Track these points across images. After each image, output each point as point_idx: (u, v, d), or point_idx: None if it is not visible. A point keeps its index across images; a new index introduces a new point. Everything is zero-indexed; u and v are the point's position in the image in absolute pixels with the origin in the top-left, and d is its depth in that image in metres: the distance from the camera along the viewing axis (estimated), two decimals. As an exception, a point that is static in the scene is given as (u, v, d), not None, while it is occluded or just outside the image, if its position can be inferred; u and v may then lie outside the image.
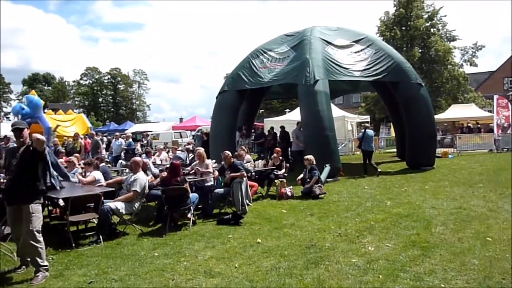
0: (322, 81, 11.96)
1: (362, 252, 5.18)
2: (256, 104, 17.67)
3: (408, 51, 32.12)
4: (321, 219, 7.12)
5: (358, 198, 8.89)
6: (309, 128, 11.87)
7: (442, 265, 4.53)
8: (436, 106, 31.00)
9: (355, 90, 21.63)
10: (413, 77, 13.21)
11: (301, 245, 5.61)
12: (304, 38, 13.36)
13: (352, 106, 44.05)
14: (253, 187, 8.92)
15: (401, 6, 33.61)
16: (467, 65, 35.67)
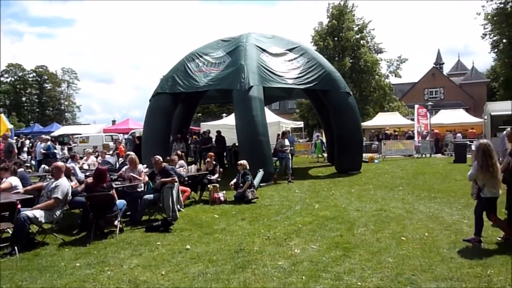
0: (257, 87, 12.19)
1: (288, 254, 5.34)
2: (191, 108, 17.53)
3: (340, 61, 33.81)
4: (251, 223, 7.22)
5: (289, 201, 9.15)
6: (243, 133, 11.99)
7: (361, 264, 4.82)
8: (364, 114, 32.96)
9: (289, 96, 22.28)
10: (342, 86, 13.93)
11: (230, 249, 5.65)
12: (240, 44, 13.54)
13: (287, 112, 45.33)
14: (185, 192, 8.81)
15: (334, 18, 35.33)
16: (392, 76, 38.34)
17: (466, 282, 4.15)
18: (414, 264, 4.73)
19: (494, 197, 5.44)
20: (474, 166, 5.52)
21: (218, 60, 13.63)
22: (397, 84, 43.05)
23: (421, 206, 8.17)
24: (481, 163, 5.37)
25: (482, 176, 5.39)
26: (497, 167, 5.38)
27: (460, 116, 28.71)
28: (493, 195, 5.42)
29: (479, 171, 5.40)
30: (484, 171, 5.34)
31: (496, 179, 5.37)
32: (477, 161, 5.47)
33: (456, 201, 8.46)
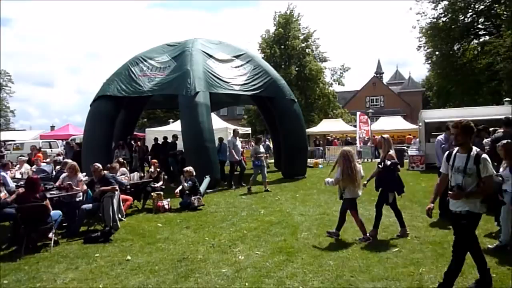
0: (203, 93, 12.09)
1: (232, 261, 5.31)
2: (135, 113, 17.00)
3: (286, 68, 34.53)
4: (196, 231, 7.11)
5: (235, 208, 9.13)
6: (189, 139, 11.83)
7: (303, 268, 4.90)
8: (310, 120, 33.85)
9: (237, 103, 22.36)
10: (287, 93, 14.21)
11: (173, 259, 5.51)
12: (186, 49, 13.38)
13: (236, 118, 45.45)
14: (127, 201, 8.49)
15: (280, 26, 36.02)
16: (336, 84, 39.72)
17: (401, 281, 4.36)
18: (353, 266, 4.90)
19: (354, 197, 6.08)
20: (338, 171, 6.04)
21: (163, 64, 13.37)
22: (341, 92, 44.74)
23: (362, 209, 8.43)
24: (343, 168, 5.94)
25: (343, 179, 5.95)
26: (356, 171, 5.97)
27: (399, 123, 30.44)
28: (353, 196, 6.06)
29: (341, 175, 5.95)
30: (346, 175, 5.91)
31: (355, 182, 5.97)
32: (340, 167, 6.01)
33: (393, 204, 8.90)
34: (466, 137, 3.90)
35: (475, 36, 33.65)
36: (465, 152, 3.90)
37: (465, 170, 3.82)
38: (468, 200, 3.79)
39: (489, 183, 3.76)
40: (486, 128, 8.88)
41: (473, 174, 3.79)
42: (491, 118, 14.69)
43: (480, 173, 3.77)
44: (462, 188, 3.81)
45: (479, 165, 3.76)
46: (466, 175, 3.82)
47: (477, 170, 3.77)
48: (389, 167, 6.15)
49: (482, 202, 3.80)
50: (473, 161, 3.79)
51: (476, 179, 3.80)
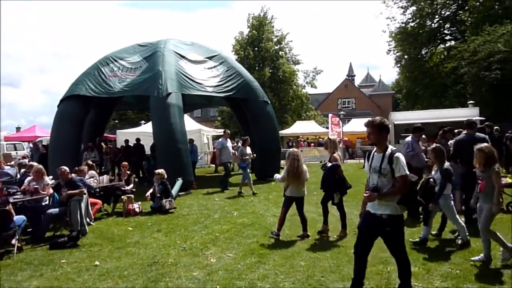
0: (175, 94, 11.97)
1: (204, 264, 5.26)
2: (106, 114, 16.65)
3: (260, 70, 34.70)
4: (168, 234, 7.01)
5: (208, 210, 9.06)
6: (161, 141, 11.67)
7: (275, 270, 4.91)
8: (283, 122, 34.12)
9: (210, 104, 22.23)
10: (260, 95, 14.25)
11: (143, 263, 5.41)
12: (158, 49, 13.22)
13: (209, 120, 45.21)
14: (96, 204, 8.27)
15: (254, 28, 36.16)
16: (309, 86, 40.25)
17: (370, 280, 4.44)
18: (324, 266, 4.95)
19: (294, 196, 6.39)
20: (285, 170, 6.34)
21: (135, 65, 13.16)
22: (313, 94, 45.31)
23: (333, 210, 8.54)
24: (288, 167, 6.22)
25: (288, 177, 6.24)
26: (301, 171, 6.26)
27: (369, 125, 31.01)
28: (293, 195, 6.37)
29: (286, 174, 6.24)
30: (291, 174, 6.19)
31: (299, 181, 6.26)
32: (287, 166, 6.31)
33: (364, 204, 9.07)
34: (380, 136, 3.80)
35: (441, 41, 34.83)
36: (381, 151, 3.79)
37: (380, 170, 3.73)
38: (387, 202, 3.70)
39: (403, 182, 3.64)
40: (452, 130, 9.22)
41: (388, 174, 3.69)
42: (456, 120, 15.26)
43: (394, 173, 3.66)
44: (377, 189, 3.72)
45: (392, 165, 3.65)
46: (381, 175, 3.73)
47: (392, 169, 3.65)
48: (330, 168, 6.39)
49: (398, 204, 3.70)
50: (387, 160, 3.68)
51: (391, 179, 3.69)
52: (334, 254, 5.40)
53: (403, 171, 3.62)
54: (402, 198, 3.70)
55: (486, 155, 4.92)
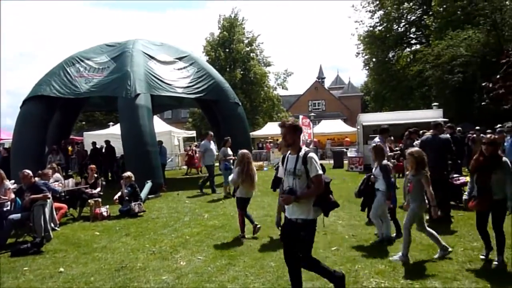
0: (144, 95, 11.77)
1: (173, 268, 5.19)
2: (72, 115, 16.15)
3: (231, 71, 34.65)
4: (136, 238, 6.87)
5: (178, 213, 8.95)
6: (130, 143, 11.44)
7: (245, 271, 4.91)
8: (255, 123, 34.22)
9: (180, 105, 21.98)
10: (231, 96, 14.24)
11: (111, 268, 5.28)
12: (126, 50, 12.96)
13: (180, 121, 44.72)
14: (61, 209, 8.01)
15: (225, 30, 36.09)
16: (280, 88, 40.57)
17: (338, 279, 4.50)
18: (293, 266, 4.98)
19: (244, 197, 6.56)
20: (236, 171, 6.52)
21: (102, 65, 12.84)
22: (285, 95, 45.71)
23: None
24: (241, 168, 6.43)
25: (240, 179, 6.41)
26: (252, 174, 6.47)
27: (339, 126, 31.63)
28: (243, 196, 6.54)
29: (239, 176, 6.40)
30: (245, 176, 6.39)
31: (251, 183, 6.47)
32: (239, 167, 6.50)
33: (333, 204, 9.21)
34: (294, 137, 3.75)
35: (407, 45, 36.00)
36: (295, 153, 3.72)
37: (294, 171, 3.66)
38: (301, 206, 3.63)
39: (318, 182, 3.59)
40: (417, 131, 9.53)
41: (303, 175, 3.63)
42: (421, 121, 15.78)
43: (309, 173, 3.61)
44: (293, 191, 3.63)
45: (306, 165, 3.60)
46: (296, 177, 3.65)
47: (306, 170, 3.60)
48: None
49: (314, 205, 3.64)
50: (301, 161, 3.63)
51: (306, 180, 3.64)
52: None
53: (317, 171, 3.59)
54: (318, 199, 3.65)
55: (416, 159, 5.21)
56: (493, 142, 4.92)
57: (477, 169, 4.98)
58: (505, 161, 4.79)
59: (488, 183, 4.78)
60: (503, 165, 4.77)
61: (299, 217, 3.65)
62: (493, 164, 4.80)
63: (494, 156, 4.84)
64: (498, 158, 4.84)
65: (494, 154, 4.85)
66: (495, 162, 4.81)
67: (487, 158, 4.87)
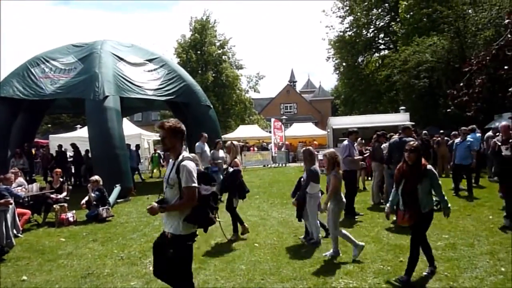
0: (113, 97, 11.52)
1: (142, 273, 5.09)
2: (36, 118, 15.57)
3: (203, 74, 34.46)
4: (104, 244, 6.70)
5: (147, 217, 8.75)
6: (98, 147, 11.16)
7: (215, 275, 4.88)
8: (227, 126, 34.15)
9: (151, 108, 21.67)
10: (202, 99, 14.15)
11: (77, 275, 5.12)
12: (94, 51, 12.64)
13: (151, 124, 43.96)
14: (24, 215, 7.71)
15: (196, 32, 35.86)
16: (252, 91, 40.67)
17: (307, 280, 4.56)
18: (264, 269, 5.01)
19: None
20: None
21: (68, 66, 12.46)
22: (257, 98, 45.88)
23: (274, 213, 8.75)
24: None
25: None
26: None
27: (310, 129, 32.03)
28: None
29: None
30: None
31: None
32: None
33: (304, 206, 9.31)
34: (174, 140, 3.32)
35: (376, 50, 36.94)
36: (174, 158, 3.34)
37: (168, 179, 3.32)
38: (171, 219, 3.26)
39: (188, 194, 3.16)
40: (385, 134, 9.76)
41: (176, 184, 3.23)
42: (389, 125, 16.23)
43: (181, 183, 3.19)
44: (164, 201, 3.30)
45: (179, 174, 3.19)
46: (168, 186, 3.29)
47: (179, 179, 3.20)
48: (231, 173, 6.66)
49: (185, 220, 3.21)
50: (175, 169, 3.24)
51: (179, 190, 3.23)
52: (274, 257, 5.48)
53: (189, 181, 3.16)
54: (192, 214, 3.22)
55: (328, 160, 5.52)
56: (415, 149, 4.48)
57: (401, 179, 4.57)
58: (429, 169, 4.46)
59: (415, 194, 4.39)
60: (427, 174, 4.43)
61: (169, 231, 3.28)
62: (417, 173, 4.42)
63: (418, 164, 4.44)
64: (422, 166, 4.45)
65: (417, 162, 4.45)
66: (419, 171, 4.43)
67: (411, 166, 4.48)
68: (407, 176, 4.49)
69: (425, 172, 4.45)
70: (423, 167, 4.45)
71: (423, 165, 4.47)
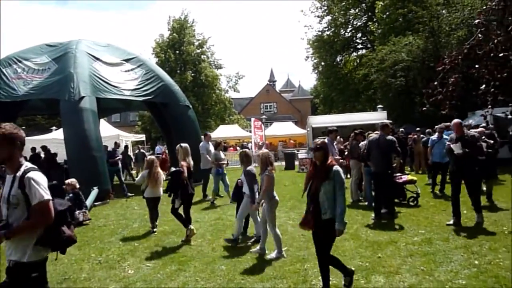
0: (89, 98, 11.28)
1: (120, 277, 5.01)
2: (9, 119, 14.86)
3: (182, 74, 34.17)
4: (81, 248, 6.54)
5: (126, 220, 8.65)
6: (74, 149, 10.90)
7: (195, 276, 4.84)
8: (207, 126, 33.96)
9: (129, 108, 21.33)
10: (181, 99, 14.02)
11: (52, 281, 4.97)
12: (69, 50, 12.34)
13: (129, 125, 43.43)
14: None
15: (175, 31, 35.53)
16: (231, 90, 40.61)
17: (287, 279, 4.58)
18: (244, 268, 5.00)
19: (152, 197, 7.30)
20: (144, 174, 7.27)
21: (42, 66, 12.12)
22: (236, 98, 45.85)
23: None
24: (149, 171, 7.18)
25: (149, 179, 7.16)
26: (158, 176, 7.28)
27: (290, 128, 32.23)
28: (150, 195, 7.29)
29: (145, 178, 7.18)
30: (151, 176, 7.16)
31: (157, 184, 7.26)
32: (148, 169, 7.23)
33: (284, 205, 9.31)
34: (11, 150, 2.69)
35: (354, 49, 37.46)
36: (12, 172, 2.71)
37: (8, 198, 2.66)
38: (17, 244, 2.66)
39: (42, 211, 2.62)
40: (363, 132, 9.90)
41: (21, 203, 2.64)
42: (367, 123, 16.48)
43: (30, 200, 2.62)
44: (8, 225, 2.64)
45: (25, 189, 2.62)
46: (11, 206, 2.66)
47: (26, 196, 2.62)
48: (171, 174, 6.96)
49: (36, 244, 2.66)
50: (18, 184, 2.64)
51: (26, 209, 2.65)
52: (255, 256, 5.47)
53: (41, 195, 2.63)
54: (44, 235, 2.68)
55: (261, 160, 5.65)
56: (320, 147, 3.99)
57: (309, 180, 4.13)
58: (335, 170, 3.90)
59: (316, 197, 3.94)
60: (332, 175, 3.88)
61: (12, 258, 2.67)
62: (321, 173, 3.95)
63: (323, 163, 3.98)
64: (327, 166, 3.94)
65: (324, 160, 3.98)
66: (322, 170, 3.95)
67: (318, 167, 4.03)
68: (312, 176, 4.08)
69: (329, 172, 3.91)
70: (328, 167, 3.94)
71: (329, 165, 3.95)
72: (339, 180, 3.89)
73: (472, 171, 6.58)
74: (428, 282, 4.29)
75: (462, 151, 6.38)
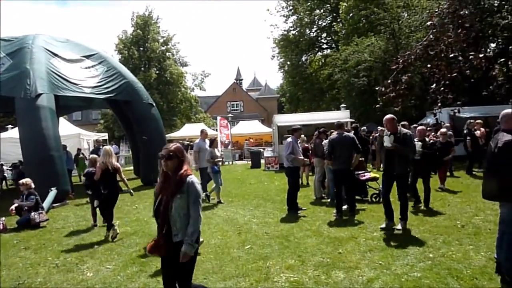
0: (46, 95, 10.87)
1: (79, 280, 4.86)
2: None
3: (146, 71, 33.44)
4: (37, 251, 6.30)
5: (86, 221, 8.39)
6: (30, 148, 10.46)
7: (157, 277, 4.75)
8: (172, 125, 33.51)
9: (89, 106, 20.63)
10: (144, 97, 13.75)
11: (5, 286, 4.77)
12: (25, 45, 11.81)
13: (91, 123, 42.17)
14: None
15: (139, 28, 34.72)
16: (197, 89, 40.21)
17: (250, 277, 4.60)
18: (207, 268, 4.98)
19: None
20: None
21: (-5, 62, 11.53)
22: (203, 96, 45.44)
23: (220, 211, 8.72)
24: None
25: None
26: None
27: (256, 127, 32.33)
28: None
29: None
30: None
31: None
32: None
33: (249, 203, 9.37)
34: None
35: (319, 49, 38.03)
36: None
37: None
38: None
39: None
40: (325, 131, 10.08)
41: None
42: (331, 122, 16.76)
43: None
44: None
45: None
46: None
47: None
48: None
49: None
50: None
51: None
52: (218, 255, 5.46)
53: None
54: None
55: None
56: (173, 155, 3.22)
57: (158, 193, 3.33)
58: (190, 182, 3.16)
59: (167, 213, 3.17)
60: (186, 188, 3.14)
61: None
62: (173, 186, 3.16)
63: (176, 174, 3.20)
64: (181, 176, 3.18)
65: (176, 170, 3.22)
66: (175, 183, 3.16)
67: (168, 176, 3.26)
68: (161, 189, 3.28)
69: (182, 183, 3.15)
70: (181, 176, 3.18)
71: (183, 175, 3.19)
72: (194, 192, 3.15)
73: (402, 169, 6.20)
74: (385, 275, 4.44)
75: (392, 145, 6.05)
